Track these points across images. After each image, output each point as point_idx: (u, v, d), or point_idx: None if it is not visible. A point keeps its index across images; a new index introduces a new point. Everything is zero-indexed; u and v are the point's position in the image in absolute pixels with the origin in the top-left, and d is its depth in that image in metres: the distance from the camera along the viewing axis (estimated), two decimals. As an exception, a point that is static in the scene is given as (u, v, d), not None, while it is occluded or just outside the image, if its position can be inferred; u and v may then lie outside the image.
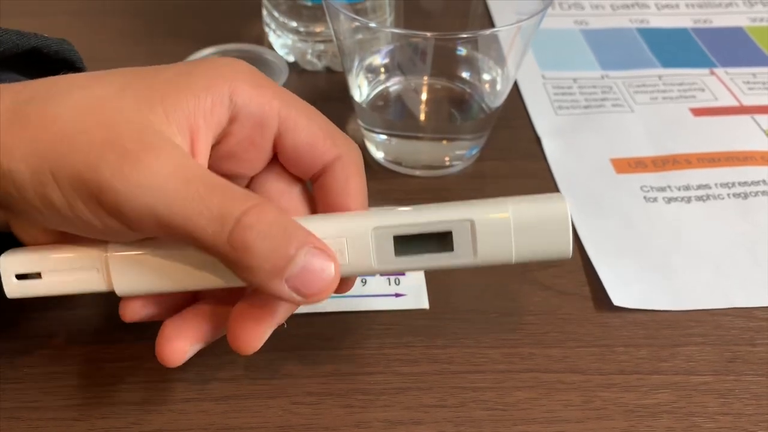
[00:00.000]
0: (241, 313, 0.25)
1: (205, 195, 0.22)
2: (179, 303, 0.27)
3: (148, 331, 0.31)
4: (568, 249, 0.24)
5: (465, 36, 0.37)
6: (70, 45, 0.29)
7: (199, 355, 0.30)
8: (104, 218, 0.22)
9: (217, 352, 0.30)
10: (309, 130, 0.25)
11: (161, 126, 0.22)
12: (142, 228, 0.22)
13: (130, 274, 0.24)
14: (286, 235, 0.22)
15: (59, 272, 0.25)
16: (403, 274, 0.34)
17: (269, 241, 0.22)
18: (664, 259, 0.35)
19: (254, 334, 0.25)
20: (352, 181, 0.26)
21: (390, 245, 0.24)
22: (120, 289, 0.25)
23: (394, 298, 0.33)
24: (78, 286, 0.25)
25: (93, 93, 0.23)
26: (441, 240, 0.24)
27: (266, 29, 0.49)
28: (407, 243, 0.24)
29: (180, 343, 0.25)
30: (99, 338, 0.31)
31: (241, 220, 0.21)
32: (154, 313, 0.26)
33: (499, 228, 0.24)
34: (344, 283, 0.26)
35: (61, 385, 0.29)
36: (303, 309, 0.32)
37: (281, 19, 0.47)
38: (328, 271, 0.23)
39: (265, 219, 0.22)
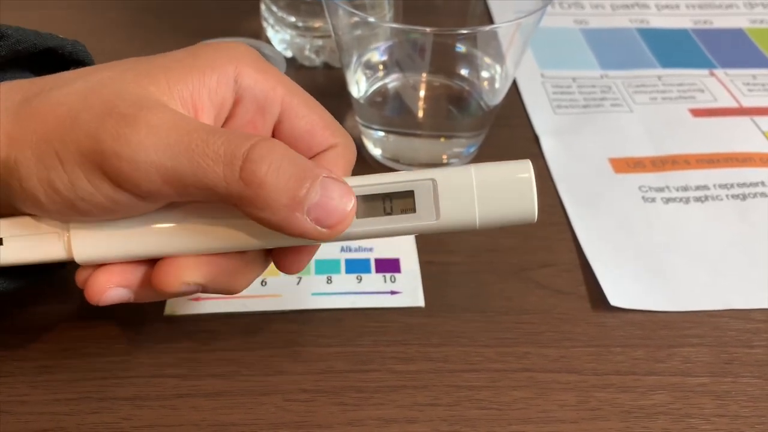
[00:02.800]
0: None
1: (210, 140, 0.21)
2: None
3: (141, 327, 0.31)
4: (532, 210, 0.23)
5: (464, 32, 0.37)
6: (82, 46, 0.29)
7: (190, 350, 0.30)
8: (110, 192, 0.22)
9: (209, 348, 0.30)
10: (309, 119, 0.25)
11: (162, 96, 0.22)
12: (150, 191, 0.22)
13: (92, 239, 0.24)
14: (299, 165, 0.22)
15: (20, 238, 0.24)
16: (398, 270, 0.33)
17: (283, 172, 0.21)
18: (661, 260, 0.35)
19: (302, 262, 0.26)
20: (340, 165, 0.26)
21: None
22: (80, 253, 0.24)
23: (389, 295, 0.32)
24: (39, 252, 0.24)
25: (96, 77, 0.23)
26: (404, 202, 0.24)
27: (264, 24, 0.49)
28: (370, 206, 0.24)
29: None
30: (91, 333, 0.30)
31: (251, 154, 0.21)
32: (121, 287, 0.25)
33: (462, 187, 0.23)
34: (302, 256, 0.26)
35: (52, 380, 0.29)
36: (297, 305, 0.32)
37: (280, 14, 0.47)
38: (348, 197, 0.23)
39: (275, 151, 0.21)
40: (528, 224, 0.24)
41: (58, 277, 0.32)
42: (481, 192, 0.23)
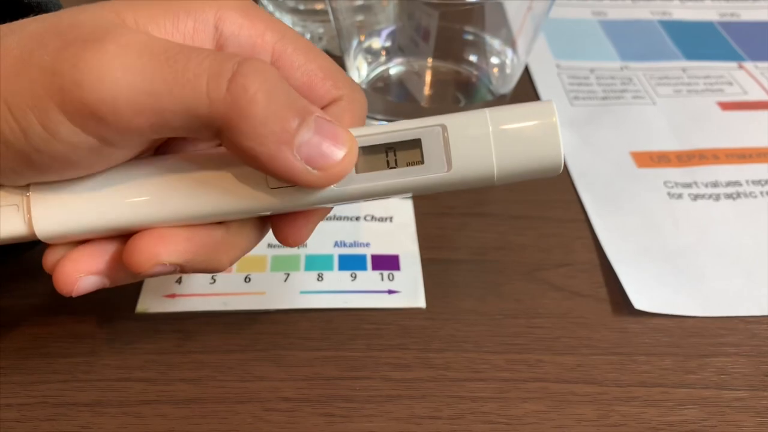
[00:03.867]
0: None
1: (192, 54, 0.18)
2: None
3: (109, 325, 0.28)
4: (558, 157, 0.20)
5: (470, 2, 0.34)
6: (59, 3, 0.25)
7: (161, 352, 0.27)
8: (70, 135, 0.18)
9: (182, 350, 0.27)
10: (306, 69, 0.22)
11: (132, 27, 0.19)
12: (118, 127, 0.18)
13: (55, 210, 0.20)
14: (293, 96, 0.19)
15: None
16: (398, 267, 0.30)
17: (276, 95, 0.18)
18: (690, 261, 0.31)
19: (302, 229, 0.22)
20: (345, 120, 0.22)
21: None
22: (42, 227, 0.20)
23: (386, 295, 0.29)
24: None
25: (54, 17, 0.19)
26: (410, 153, 0.20)
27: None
28: (372, 159, 0.20)
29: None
30: (52, 330, 0.27)
31: (241, 68, 0.18)
32: (93, 274, 0.21)
33: (476, 132, 0.20)
34: (305, 222, 0.22)
35: (4, 382, 0.26)
36: (283, 304, 0.28)
37: (278, -1, 0.44)
38: (344, 138, 0.19)
39: (268, 71, 0.18)
40: (554, 174, 0.20)
41: (16, 267, 0.30)
42: (499, 137, 0.20)
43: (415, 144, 0.20)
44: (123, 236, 0.21)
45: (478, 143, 0.20)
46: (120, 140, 0.19)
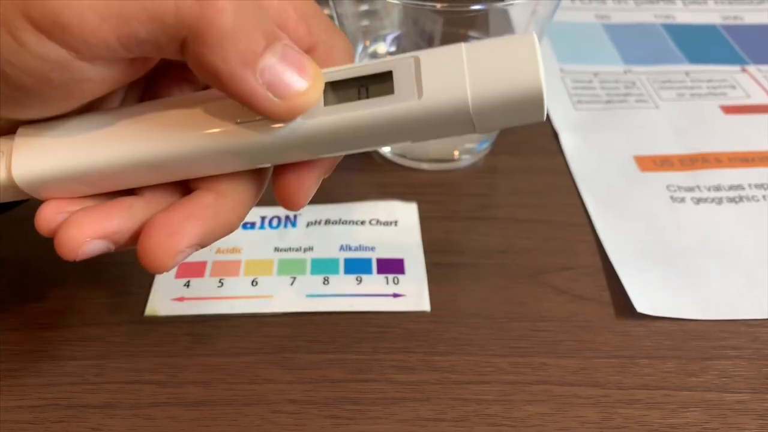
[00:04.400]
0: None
1: None
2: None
3: (119, 328, 0.28)
4: (538, 82, 0.18)
5: (475, 8, 0.34)
6: None
7: (170, 354, 0.27)
8: (39, 46, 0.18)
9: (191, 353, 0.27)
10: (279, 8, 0.20)
11: None
12: (86, 38, 0.18)
13: (35, 154, 0.20)
14: (263, 18, 0.18)
15: None
16: (402, 271, 0.30)
17: (246, 13, 0.18)
18: (692, 264, 0.31)
19: (298, 187, 0.21)
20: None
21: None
22: (20, 171, 0.20)
23: (391, 298, 0.29)
24: None
25: None
26: (381, 86, 0.19)
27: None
28: (343, 94, 0.19)
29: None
30: (62, 334, 0.28)
31: None
32: (99, 239, 0.21)
33: (450, 60, 0.19)
34: (305, 175, 0.22)
35: (16, 385, 0.26)
36: (290, 308, 0.29)
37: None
38: (309, 69, 0.19)
39: None
40: (535, 109, 0.19)
41: (29, 271, 0.30)
42: (473, 64, 0.18)
43: (387, 77, 0.19)
44: (124, 193, 0.22)
45: (451, 70, 0.19)
46: (89, 52, 0.18)
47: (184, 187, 0.22)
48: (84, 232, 0.20)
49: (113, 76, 0.20)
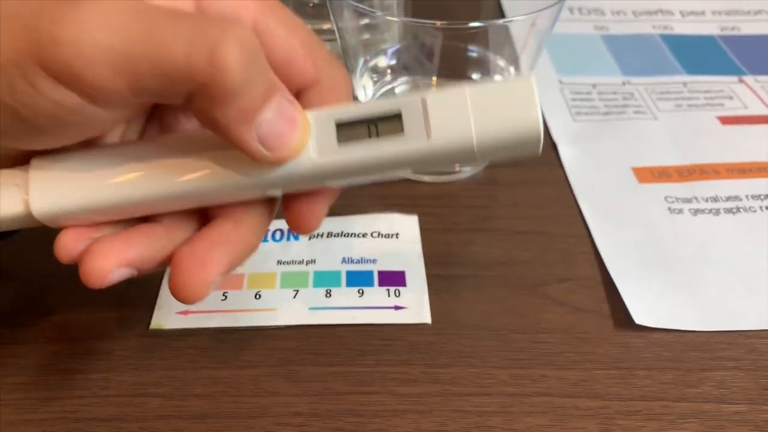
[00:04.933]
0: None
1: (172, 19, 0.18)
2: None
3: (125, 342, 0.29)
4: (536, 126, 0.20)
5: (474, 25, 0.34)
6: None
7: (175, 368, 0.28)
8: (53, 92, 0.18)
9: (196, 366, 0.28)
10: (287, 45, 0.22)
11: None
12: (98, 86, 0.18)
13: (54, 185, 0.21)
14: (265, 70, 0.19)
15: None
16: (404, 283, 0.31)
17: (250, 69, 0.18)
18: (690, 275, 0.32)
19: (309, 213, 0.23)
20: (329, 102, 0.22)
21: (332, 132, 0.21)
22: (38, 205, 0.21)
23: (393, 310, 0.30)
24: None
25: None
26: (391, 125, 0.21)
27: (270, 29, 0.47)
28: (354, 133, 0.21)
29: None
30: (69, 347, 0.28)
31: (226, 36, 0.18)
32: (123, 267, 0.22)
33: (455, 103, 0.20)
34: (315, 204, 0.23)
35: (24, 398, 0.26)
36: (293, 321, 0.29)
37: (286, 18, 0.45)
38: (297, 122, 0.20)
39: (250, 42, 0.18)
40: (533, 148, 0.21)
41: (35, 285, 0.31)
42: (477, 107, 0.20)
43: (396, 117, 0.21)
44: (145, 220, 0.22)
45: (458, 114, 0.20)
46: (101, 99, 0.19)
47: (201, 212, 0.23)
48: (109, 262, 0.21)
49: (123, 114, 0.21)
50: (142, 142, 0.22)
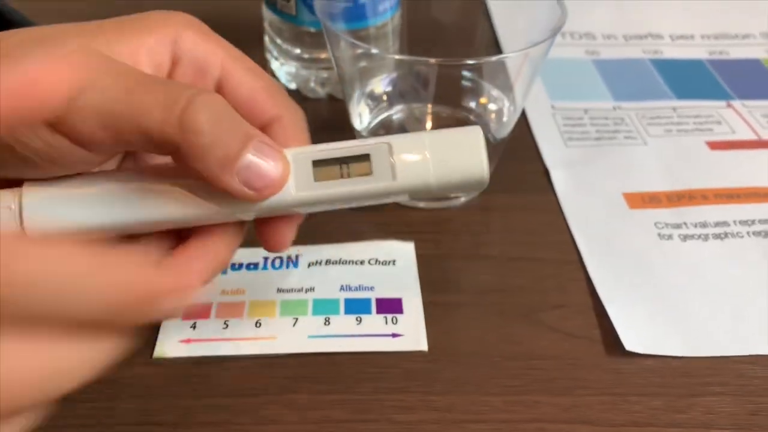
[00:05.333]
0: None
1: (150, 85, 0.21)
2: None
3: (129, 370, 0.29)
4: (482, 169, 0.24)
5: (470, 63, 0.35)
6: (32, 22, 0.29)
7: (179, 396, 0.28)
8: (48, 136, 0.21)
9: (199, 394, 0.28)
10: (251, 86, 0.25)
11: (101, 50, 0.22)
12: (86, 137, 0.21)
13: (47, 208, 0.23)
14: (237, 122, 0.22)
15: None
16: (401, 311, 0.32)
17: (221, 124, 0.21)
18: (679, 301, 0.33)
19: (283, 236, 0.25)
20: (286, 139, 0.25)
21: (309, 170, 0.24)
22: (32, 226, 0.23)
23: (390, 338, 0.31)
24: None
25: (37, 33, 0.23)
26: (360, 165, 0.24)
27: (267, 56, 0.48)
28: (328, 171, 0.24)
29: None
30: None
31: (193, 101, 0.21)
32: None
33: (416, 148, 0.24)
34: (281, 227, 0.25)
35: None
36: (293, 349, 0.30)
37: (284, 46, 0.46)
38: (278, 162, 0.23)
39: (217, 102, 0.22)
40: (481, 186, 0.24)
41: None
42: (435, 152, 0.24)
43: (365, 158, 0.24)
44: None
45: (418, 158, 0.24)
46: (90, 146, 0.22)
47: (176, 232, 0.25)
48: None
49: (110, 154, 0.24)
50: (130, 170, 0.25)
